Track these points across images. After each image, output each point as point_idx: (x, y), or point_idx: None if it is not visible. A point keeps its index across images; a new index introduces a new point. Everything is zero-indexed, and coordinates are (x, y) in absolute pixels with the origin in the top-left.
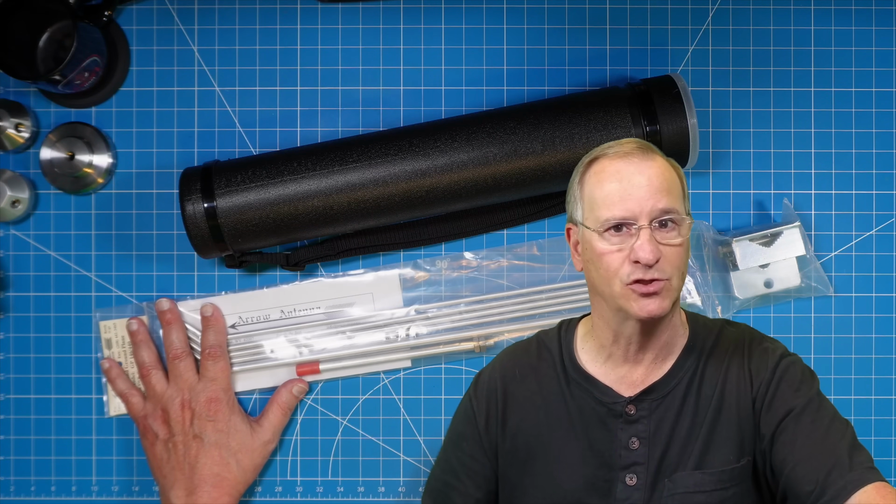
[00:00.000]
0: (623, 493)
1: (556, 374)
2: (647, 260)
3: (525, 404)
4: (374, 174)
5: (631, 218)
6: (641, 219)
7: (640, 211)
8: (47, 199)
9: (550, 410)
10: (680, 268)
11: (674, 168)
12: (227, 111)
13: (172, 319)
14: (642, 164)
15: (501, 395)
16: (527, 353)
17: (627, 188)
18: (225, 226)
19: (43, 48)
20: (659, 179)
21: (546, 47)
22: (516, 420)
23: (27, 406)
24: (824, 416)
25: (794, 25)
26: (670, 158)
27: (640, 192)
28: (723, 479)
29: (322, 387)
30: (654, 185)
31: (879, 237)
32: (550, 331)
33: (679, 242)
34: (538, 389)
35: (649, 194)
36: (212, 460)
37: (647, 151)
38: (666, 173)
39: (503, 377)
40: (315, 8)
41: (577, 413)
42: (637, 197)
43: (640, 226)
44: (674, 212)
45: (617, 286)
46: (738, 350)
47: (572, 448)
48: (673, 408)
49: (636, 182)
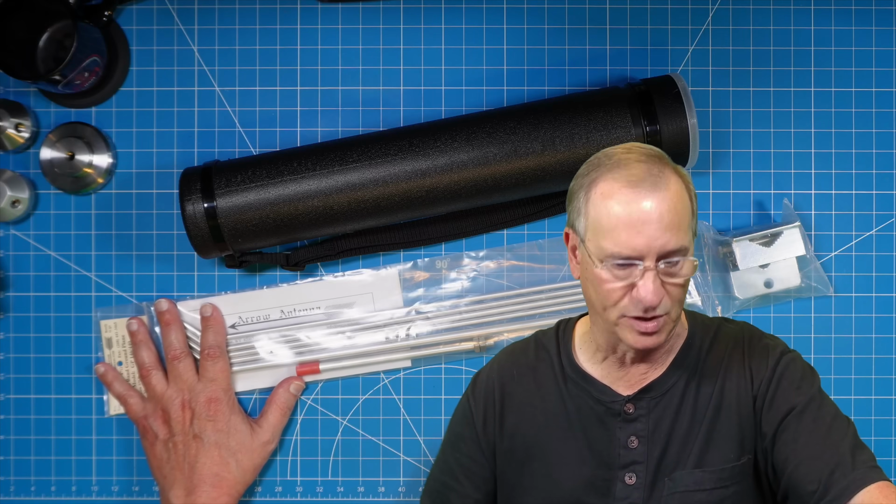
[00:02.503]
0: (622, 492)
1: (554, 373)
2: (650, 303)
3: (523, 404)
4: (374, 174)
5: (636, 258)
6: (648, 259)
7: (647, 251)
8: (47, 199)
9: (548, 410)
10: (681, 300)
11: (685, 187)
12: (227, 111)
13: (171, 320)
14: (654, 196)
15: (499, 396)
16: (525, 353)
17: (636, 224)
18: (225, 226)
19: (43, 48)
20: (670, 215)
21: (546, 47)
22: (514, 420)
23: (27, 406)
24: (826, 415)
25: (794, 25)
26: (681, 171)
27: (650, 230)
28: (723, 477)
29: (322, 387)
30: (664, 222)
31: (879, 237)
32: (548, 331)
33: (683, 282)
34: (536, 389)
35: (658, 233)
36: (211, 460)
37: (660, 178)
38: (678, 204)
39: (501, 377)
40: (315, 8)
41: (575, 412)
42: (646, 235)
43: (645, 266)
44: (682, 251)
45: (613, 315)
46: (737, 347)
47: (571, 447)
48: (672, 406)
49: (646, 219)
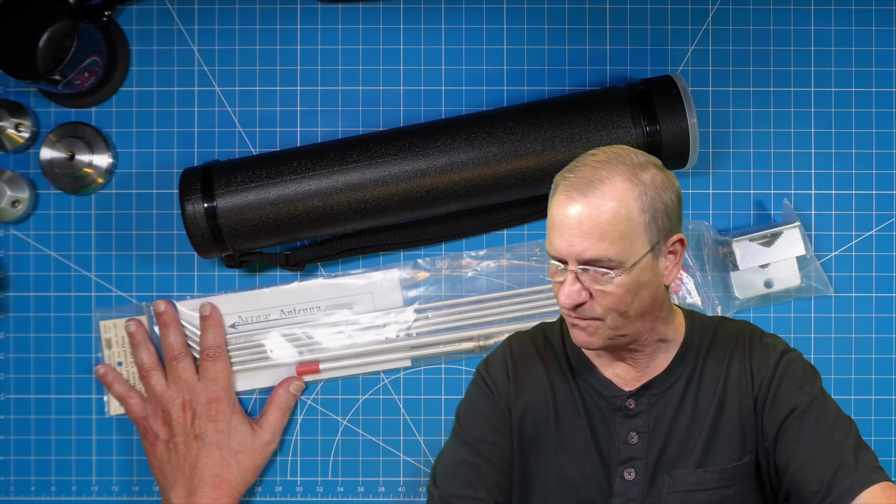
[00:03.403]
0: (621, 487)
1: (560, 363)
2: (563, 304)
3: (534, 386)
4: (374, 174)
5: (559, 259)
6: (569, 261)
7: (567, 253)
8: (47, 199)
9: (557, 397)
10: (618, 308)
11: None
12: (227, 111)
13: (169, 321)
14: (580, 201)
15: (513, 374)
16: (533, 340)
17: (559, 227)
18: (225, 226)
19: (43, 48)
20: (591, 223)
21: (546, 47)
22: (525, 401)
23: (27, 406)
24: (828, 415)
25: (794, 25)
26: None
27: (570, 234)
28: (724, 476)
29: (322, 387)
30: (584, 228)
31: (879, 237)
32: (553, 323)
33: (612, 289)
34: (545, 374)
35: (577, 239)
36: (212, 461)
37: (596, 184)
38: (606, 214)
39: (513, 358)
40: (315, 8)
41: (580, 403)
42: (567, 238)
43: (568, 269)
44: (602, 260)
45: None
46: (738, 346)
47: (576, 437)
48: (672, 403)
49: (568, 222)
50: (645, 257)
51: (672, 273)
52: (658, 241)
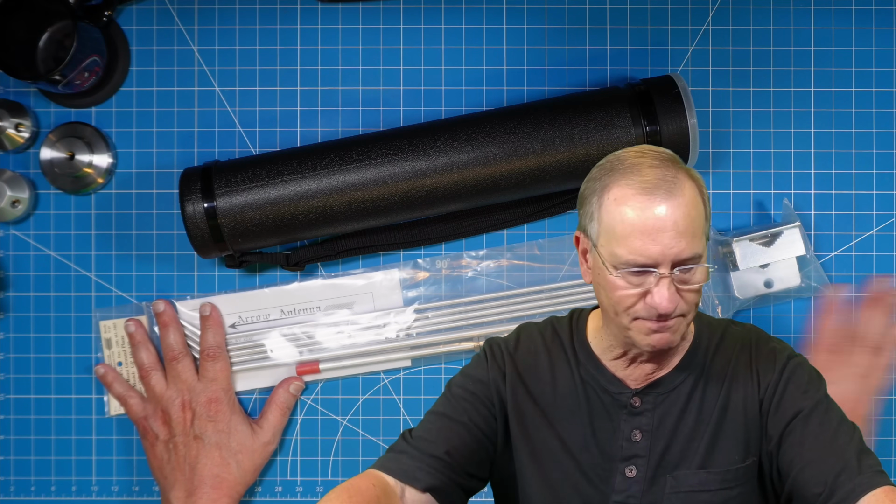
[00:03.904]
0: (622, 484)
1: (567, 357)
2: (665, 311)
3: (536, 377)
4: (374, 174)
5: (651, 265)
6: (662, 267)
7: (662, 259)
8: (47, 199)
9: (559, 390)
10: (696, 304)
11: (699, 191)
12: (227, 111)
13: (168, 321)
14: (668, 202)
15: (514, 361)
16: (541, 333)
17: (650, 232)
18: (225, 226)
19: (43, 48)
20: (685, 222)
21: (546, 47)
22: (526, 389)
23: (27, 406)
24: (832, 419)
25: (794, 25)
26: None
27: (664, 238)
28: (727, 478)
29: (322, 387)
30: (679, 229)
31: (879, 237)
32: (562, 318)
33: (699, 286)
34: (549, 367)
35: (673, 241)
36: (212, 461)
37: (674, 183)
38: (692, 211)
39: (518, 346)
40: (315, 8)
41: (584, 398)
42: (661, 243)
43: (660, 274)
44: (697, 258)
45: (626, 319)
46: (744, 350)
47: (576, 432)
48: (678, 403)
49: (660, 226)
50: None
51: None
52: (708, 238)
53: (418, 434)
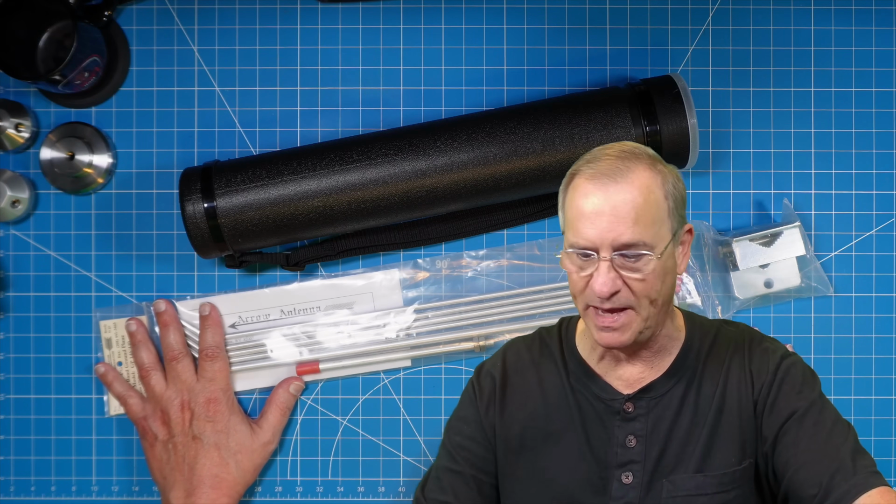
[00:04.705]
0: (619, 490)
1: (557, 368)
2: (600, 294)
3: (525, 396)
4: (374, 174)
5: (591, 248)
6: (602, 250)
7: (600, 242)
8: (47, 199)
9: (550, 403)
10: (650, 295)
11: (659, 185)
12: (227, 111)
13: (169, 321)
14: (611, 188)
15: (501, 384)
16: (529, 348)
17: (591, 216)
18: (225, 226)
19: (43, 48)
20: (626, 207)
21: (546, 47)
22: (514, 410)
23: (27, 406)
24: (827, 419)
25: (794, 25)
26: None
27: (603, 221)
28: (724, 481)
29: (322, 387)
30: (619, 214)
31: (879, 237)
32: (551, 328)
33: (644, 274)
34: (538, 383)
35: (612, 225)
36: (211, 461)
37: (624, 172)
38: (640, 199)
39: (504, 367)
40: (315, 8)
41: (576, 408)
42: (600, 227)
43: (600, 257)
44: (638, 245)
45: (581, 305)
46: (738, 350)
47: (570, 442)
48: (672, 407)
49: (600, 209)
50: (670, 243)
51: (684, 262)
52: (677, 228)
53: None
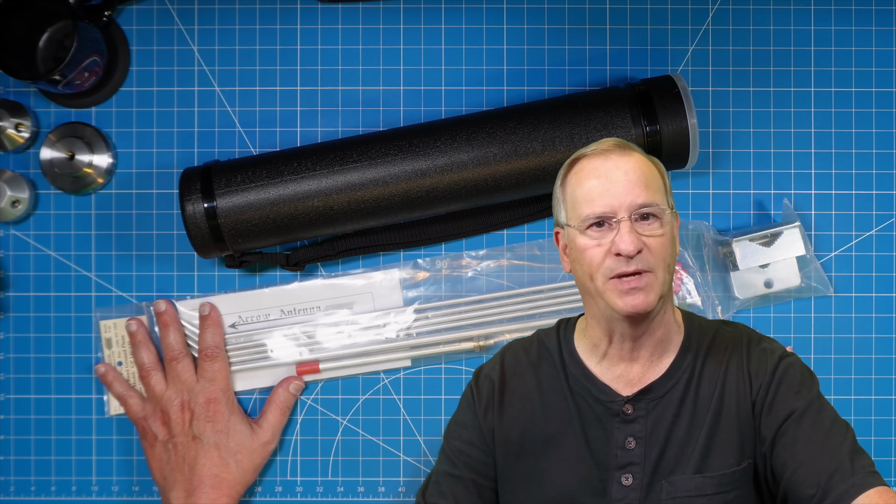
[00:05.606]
0: (618, 492)
1: (556, 370)
2: (627, 251)
3: (523, 398)
4: (374, 174)
5: (610, 212)
6: (621, 212)
7: (619, 205)
8: (47, 199)
9: (548, 406)
10: (665, 259)
11: (653, 163)
12: (227, 111)
13: (169, 321)
14: (620, 160)
15: (499, 387)
16: (527, 351)
17: (606, 184)
18: (225, 226)
19: (43, 48)
20: (636, 173)
21: (546, 47)
22: (513, 413)
23: (27, 406)
24: (825, 419)
25: (794, 25)
26: (650, 155)
27: (619, 187)
28: (723, 482)
29: (322, 387)
30: (631, 179)
31: (879, 237)
32: (549, 330)
33: (661, 234)
34: (537, 386)
35: (627, 189)
36: (211, 461)
37: (625, 148)
38: (644, 168)
39: (503, 370)
40: (315, 8)
41: (575, 411)
42: (616, 192)
43: (619, 219)
44: (653, 205)
45: (600, 281)
46: (736, 351)
47: (569, 445)
48: (671, 408)
49: (614, 178)
50: (671, 215)
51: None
52: (672, 207)
53: (432, 502)
